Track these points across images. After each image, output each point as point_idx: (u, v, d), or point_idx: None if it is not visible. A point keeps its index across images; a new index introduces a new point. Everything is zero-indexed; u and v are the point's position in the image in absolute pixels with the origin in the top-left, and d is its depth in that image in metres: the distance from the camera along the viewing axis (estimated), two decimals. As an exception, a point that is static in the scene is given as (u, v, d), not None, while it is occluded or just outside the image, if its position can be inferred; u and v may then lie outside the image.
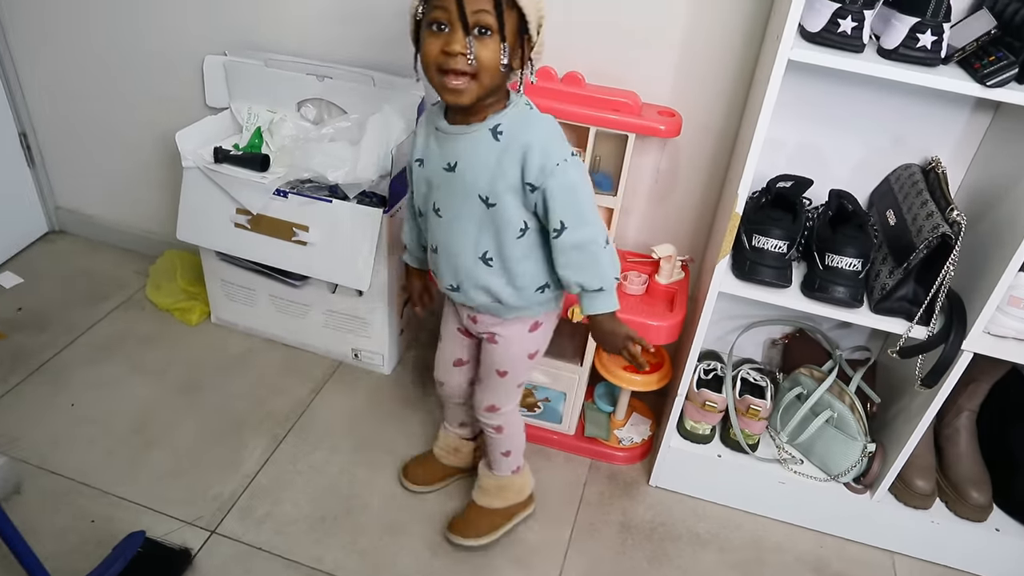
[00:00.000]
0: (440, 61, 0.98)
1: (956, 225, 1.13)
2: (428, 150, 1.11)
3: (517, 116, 1.05)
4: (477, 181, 1.05)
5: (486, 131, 1.04)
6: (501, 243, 1.09)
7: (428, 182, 1.12)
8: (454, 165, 1.07)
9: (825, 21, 1.06)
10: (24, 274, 1.97)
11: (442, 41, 0.97)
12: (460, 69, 0.97)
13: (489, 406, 1.30)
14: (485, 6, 0.95)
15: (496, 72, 0.99)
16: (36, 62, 1.88)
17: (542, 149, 1.02)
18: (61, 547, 1.31)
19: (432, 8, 0.97)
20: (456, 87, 0.99)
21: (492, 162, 1.04)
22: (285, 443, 1.56)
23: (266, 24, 1.64)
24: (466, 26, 0.95)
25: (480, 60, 0.97)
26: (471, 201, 1.07)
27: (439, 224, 1.12)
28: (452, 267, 1.14)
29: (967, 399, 1.42)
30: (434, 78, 1.00)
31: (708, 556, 1.44)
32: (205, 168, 1.57)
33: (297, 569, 1.32)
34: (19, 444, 1.49)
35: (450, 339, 1.32)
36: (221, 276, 1.77)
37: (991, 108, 1.28)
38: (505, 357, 1.23)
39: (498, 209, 1.06)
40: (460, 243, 1.11)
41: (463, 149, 1.06)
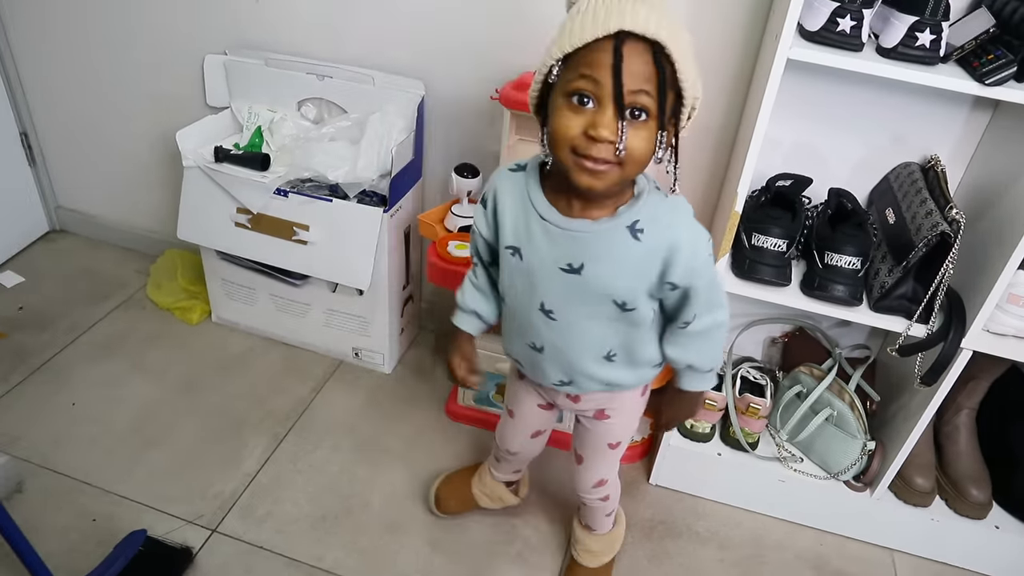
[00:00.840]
0: (580, 145, 0.80)
1: (955, 223, 1.13)
2: (530, 240, 0.92)
3: (654, 208, 0.89)
4: (613, 286, 0.91)
5: (623, 230, 0.88)
6: (631, 339, 0.99)
7: (530, 278, 0.95)
8: (579, 267, 0.90)
9: (824, 20, 1.06)
10: (25, 273, 1.98)
11: (586, 121, 0.79)
12: (606, 159, 0.80)
13: (599, 481, 1.21)
14: (646, 86, 0.77)
15: (645, 164, 0.83)
16: (37, 61, 1.89)
17: (691, 250, 0.89)
18: (62, 546, 1.31)
19: (577, 76, 0.78)
20: (596, 169, 0.81)
21: (632, 265, 0.90)
22: (286, 442, 1.57)
23: (266, 23, 1.64)
24: (621, 106, 0.77)
25: (631, 150, 0.79)
26: (601, 306, 0.94)
27: (551, 326, 0.97)
28: (563, 366, 1.02)
29: (967, 397, 1.43)
30: (566, 158, 0.82)
31: (708, 554, 1.44)
32: (205, 167, 1.57)
33: (298, 568, 1.33)
34: (20, 443, 1.50)
35: (529, 415, 1.21)
36: (222, 275, 1.78)
37: (990, 106, 1.28)
38: (618, 429, 1.15)
39: (635, 312, 0.94)
40: (580, 346, 0.99)
41: (591, 250, 0.89)
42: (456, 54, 1.54)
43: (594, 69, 0.76)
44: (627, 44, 0.75)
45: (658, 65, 0.76)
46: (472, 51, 1.52)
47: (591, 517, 1.30)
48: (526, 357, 1.06)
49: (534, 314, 0.98)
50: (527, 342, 1.03)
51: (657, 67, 0.76)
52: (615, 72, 0.75)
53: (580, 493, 1.25)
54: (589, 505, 1.27)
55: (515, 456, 1.31)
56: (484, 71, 1.53)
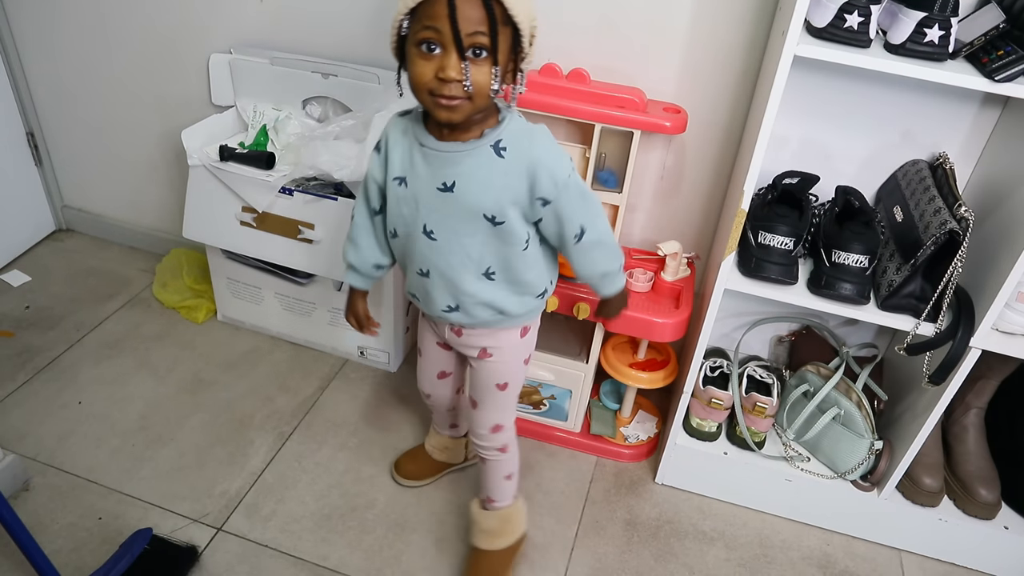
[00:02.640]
0: (433, 86, 0.92)
1: (964, 221, 1.12)
2: (413, 169, 1.03)
3: (517, 131, 1.00)
4: (481, 200, 1.00)
5: (487, 148, 0.99)
6: (507, 257, 1.06)
7: (415, 203, 1.04)
8: (451, 185, 1.00)
9: (831, 16, 1.05)
10: (32, 272, 1.98)
11: (435, 65, 0.91)
12: (456, 95, 0.91)
13: (494, 426, 1.24)
14: (480, 27, 0.89)
15: (489, 92, 0.94)
16: (43, 61, 1.89)
17: (552, 163, 0.99)
18: (68, 543, 1.32)
19: (422, 27, 0.90)
20: (451, 104, 0.93)
21: (497, 180, 0.99)
22: (291, 441, 1.57)
23: (271, 22, 1.64)
24: (461, 49, 0.89)
25: (476, 84, 0.91)
26: (474, 221, 1.02)
27: (432, 247, 1.06)
28: (450, 289, 1.09)
29: (975, 396, 1.42)
30: (425, 99, 0.94)
31: (714, 553, 1.43)
32: (211, 166, 1.58)
33: (303, 566, 1.33)
34: (27, 441, 1.50)
35: (431, 353, 1.28)
36: (227, 274, 1.78)
37: (1000, 103, 1.27)
38: (503, 369, 1.19)
39: (505, 226, 1.02)
40: (460, 263, 1.06)
41: (462, 168, 1.00)
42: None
43: (434, 20, 0.88)
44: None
45: (488, 8, 0.88)
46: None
47: (489, 477, 1.29)
48: (418, 287, 1.13)
49: (419, 238, 1.06)
50: (416, 270, 1.10)
51: (487, 10, 0.88)
52: (451, 20, 0.87)
53: (477, 440, 1.27)
54: (487, 459, 1.27)
55: (430, 399, 1.37)
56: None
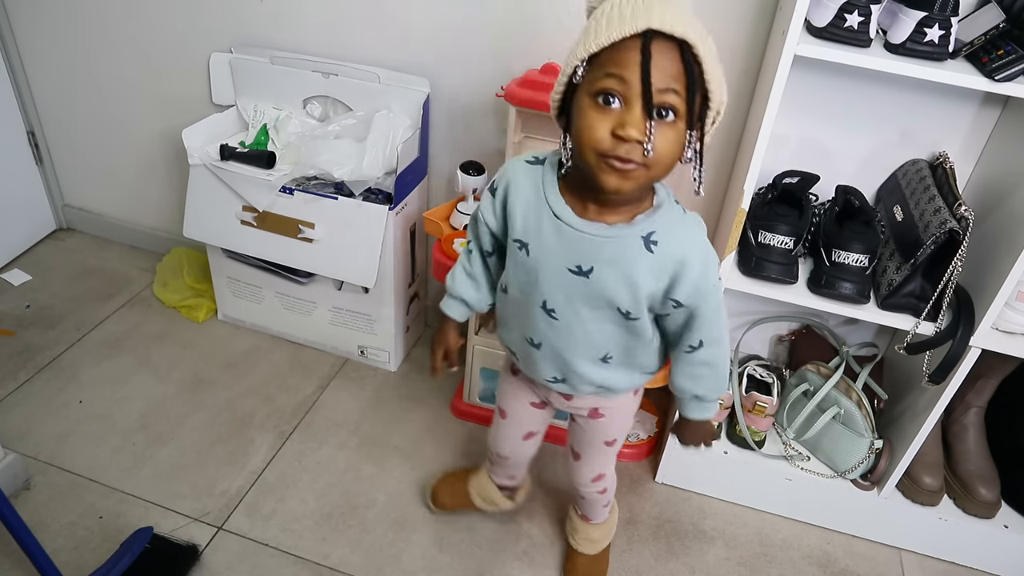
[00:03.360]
0: (608, 147, 0.78)
1: (964, 220, 1.12)
2: (540, 237, 0.90)
3: (672, 222, 0.88)
4: (619, 294, 0.90)
5: (637, 238, 0.86)
6: (629, 348, 0.99)
7: (535, 274, 0.93)
8: (588, 270, 0.89)
9: (832, 16, 1.05)
10: (32, 271, 1.98)
11: (613, 121, 0.77)
12: (634, 159, 0.78)
13: (597, 475, 1.22)
14: (675, 84, 0.76)
15: (672, 166, 0.81)
16: (43, 61, 1.89)
17: (702, 269, 0.88)
18: (69, 542, 1.32)
19: (603, 75, 0.77)
20: (624, 169, 0.79)
21: (642, 276, 0.88)
22: (291, 440, 1.57)
23: (272, 21, 1.64)
24: (649, 105, 0.76)
25: (659, 151, 0.77)
26: (604, 311, 0.93)
27: (551, 324, 0.96)
28: (559, 365, 1.02)
29: (975, 395, 1.42)
30: (591, 160, 0.80)
31: (714, 552, 1.44)
32: (211, 165, 1.58)
33: (303, 565, 1.33)
34: (28, 440, 1.50)
35: (521, 414, 1.20)
36: (228, 273, 1.78)
37: (1000, 103, 1.27)
38: (613, 428, 1.15)
39: (639, 323, 0.94)
40: (578, 347, 0.98)
41: (603, 254, 0.88)
42: (461, 51, 1.53)
43: (621, 68, 0.75)
44: (655, 42, 0.74)
45: (686, 64, 0.75)
46: (477, 48, 1.52)
47: (589, 509, 1.30)
48: (521, 350, 1.05)
49: (535, 310, 0.96)
50: (525, 336, 1.02)
51: (685, 66, 0.75)
52: (643, 70, 0.74)
53: (578, 488, 1.25)
54: (588, 499, 1.27)
55: (506, 460, 1.28)
56: (489, 68, 1.52)
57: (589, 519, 1.32)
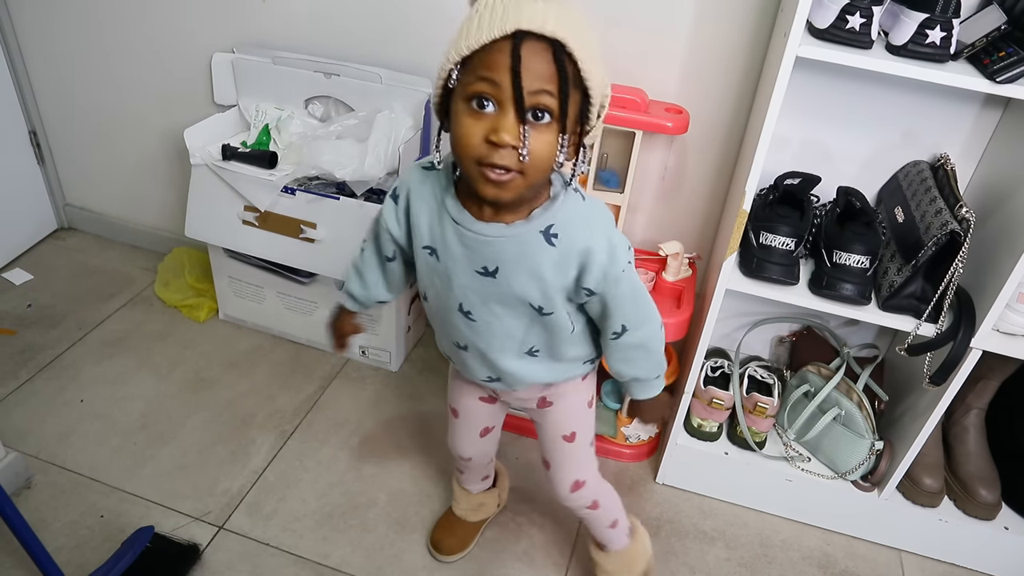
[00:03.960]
0: (482, 152, 0.76)
1: (965, 222, 1.12)
2: (444, 243, 0.89)
3: (572, 213, 0.86)
4: (527, 290, 0.89)
5: (536, 234, 0.85)
6: (551, 341, 0.97)
7: (447, 279, 0.92)
8: (493, 271, 0.88)
9: (833, 17, 1.05)
10: (34, 271, 1.98)
11: (487, 126, 0.75)
12: (508, 166, 0.76)
13: (573, 483, 1.14)
14: (548, 85, 0.73)
15: (549, 168, 0.79)
16: (45, 60, 1.89)
17: (608, 255, 0.86)
18: (70, 541, 1.32)
19: (476, 78, 0.74)
20: (499, 180, 0.77)
21: (547, 271, 0.87)
22: (292, 440, 1.57)
23: (274, 21, 1.64)
24: (521, 108, 0.73)
25: (534, 154, 0.75)
26: (518, 308, 0.92)
27: (470, 326, 0.96)
28: (489, 364, 1.00)
29: (976, 397, 1.42)
30: (469, 168, 0.78)
31: (715, 553, 1.44)
32: (213, 165, 1.58)
33: (304, 565, 1.33)
34: (29, 439, 1.50)
35: (472, 411, 1.17)
36: (229, 273, 1.78)
37: (1001, 104, 1.27)
38: (566, 418, 1.10)
39: (553, 316, 0.92)
40: (501, 344, 0.97)
41: (505, 254, 0.86)
42: (463, 52, 1.53)
43: (492, 71, 0.73)
44: (526, 43, 0.71)
45: (559, 64, 0.73)
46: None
47: (592, 530, 1.24)
48: (453, 355, 1.05)
49: (454, 314, 0.96)
50: (451, 341, 1.01)
51: (558, 66, 0.73)
52: (514, 73, 0.72)
53: (562, 503, 1.18)
54: (582, 517, 1.22)
55: (470, 462, 1.26)
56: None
57: (603, 546, 1.25)
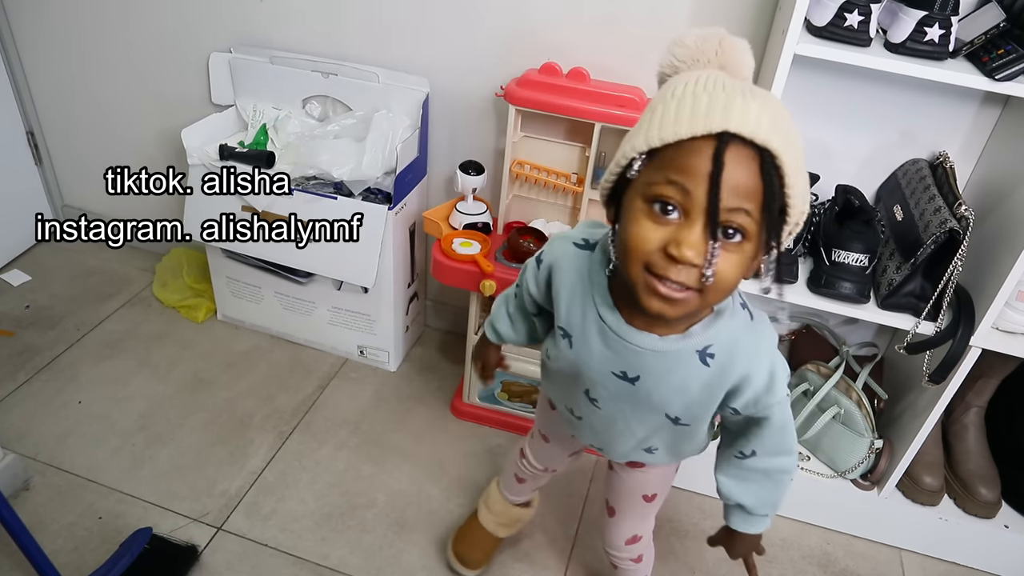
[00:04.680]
0: (657, 264, 0.65)
1: (964, 220, 1.12)
2: (584, 335, 0.81)
3: (734, 332, 0.77)
4: (668, 404, 0.82)
5: (692, 353, 0.76)
6: (674, 444, 0.91)
7: (577, 370, 0.84)
8: (634, 378, 0.80)
9: (832, 15, 1.05)
10: (32, 272, 1.98)
11: (667, 235, 0.64)
12: (686, 283, 0.65)
13: (632, 537, 1.10)
14: (748, 202, 0.62)
15: (730, 293, 0.70)
16: (43, 61, 1.89)
17: (767, 385, 0.78)
18: (68, 543, 1.31)
19: (664, 179, 0.64)
20: (672, 296, 0.66)
21: (694, 391, 0.79)
22: (291, 440, 1.57)
23: (271, 21, 1.64)
24: (714, 225, 0.62)
25: (719, 277, 0.65)
26: (650, 414, 0.84)
27: (593, 412, 0.89)
28: (599, 440, 0.95)
29: (975, 395, 1.42)
30: (636, 274, 0.67)
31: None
32: (211, 165, 1.57)
33: (303, 566, 1.33)
34: (27, 440, 1.50)
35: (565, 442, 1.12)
36: (227, 273, 1.78)
37: (1000, 102, 1.27)
38: (653, 481, 1.04)
39: (689, 428, 0.86)
40: (620, 437, 0.90)
41: (652, 367, 0.78)
42: (461, 51, 1.53)
43: (686, 175, 0.62)
44: (731, 149, 0.61)
45: (766, 179, 0.62)
46: (477, 48, 1.51)
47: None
48: (564, 414, 0.98)
49: (578, 395, 0.88)
50: (567, 406, 0.94)
51: (765, 180, 0.62)
52: (712, 183, 0.61)
53: (611, 551, 1.13)
54: (620, 567, 1.16)
55: (545, 473, 1.20)
56: (489, 68, 1.52)
57: None
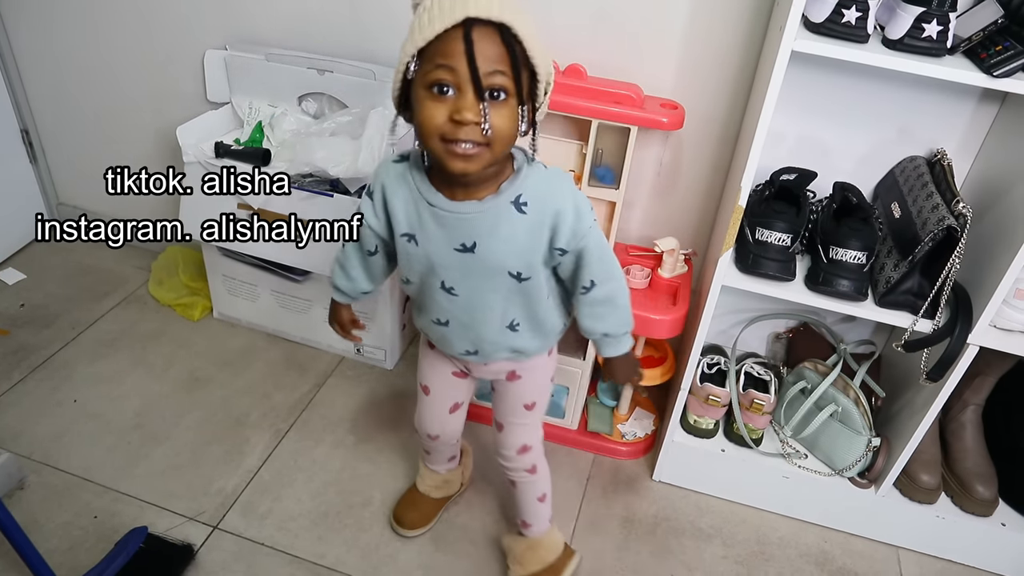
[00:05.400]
0: (447, 131, 0.83)
1: (962, 217, 1.12)
2: (422, 227, 0.97)
3: (536, 180, 0.94)
4: (506, 260, 0.96)
5: (508, 205, 0.93)
6: (531, 308, 1.03)
7: (427, 261, 0.99)
8: (472, 246, 0.95)
9: (829, 11, 1.05)
10: (27, 270, 1.97)
11: (449, 107, 0.82)
12: (475, 140, 0.83)
13: (522, 447, 1.21)
14: (500, 66, 0.81)
15: (512, 141, 0.87)
16: (37, 58, 1.88)
17: (575, 214, 0.94)
18: (64, 543, 1.31)
19: (434, 67, 0.82)
20: (467, 153, 0.85)
21: (521, 238, 0.95)
22: (287, 438, 1.56)
23: (267, 18, 1.63)
24: (479, 90, 0.81)
25: (496, 129, 0.83)
26: (498, 278, 0.98)
27: (453, 301, 1.02)
28: (470, 338, 1.07)
29: (973, 393, 1.42)
30: (436, 147, 0.86)
31: (712, 551, 1.43)
32: (206, 163, 1.57)
33: (299, 565, 1.32)
34: (22, 440, 1.49)
35: (444, 386, 1.22)
36: (223, 271, 1.77)
37: (998, 99, 1.27)
38: (531, 390, 1.17)
39: (531, 281, 0.99)
40: (483, 317, 1.03)
41: (481, 228, 0.94)
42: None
43: (449, 58, 0.80)
44: (476, 29, 0.79)
45: (508, 45, 0.80)
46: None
47: (522, 500, 1.27)
48: (432, 331, 1.11)
49: (436, 292, 1.02)
50: (432, 318, 1.07)
51: (507, 47, 0.81)
52: (469, 58, 0.79)
53: (504, 463, 1.23)
54: (517, 481, 1.24)
55: (437, 440, 1.29)
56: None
57: (528, 523, 1.28)
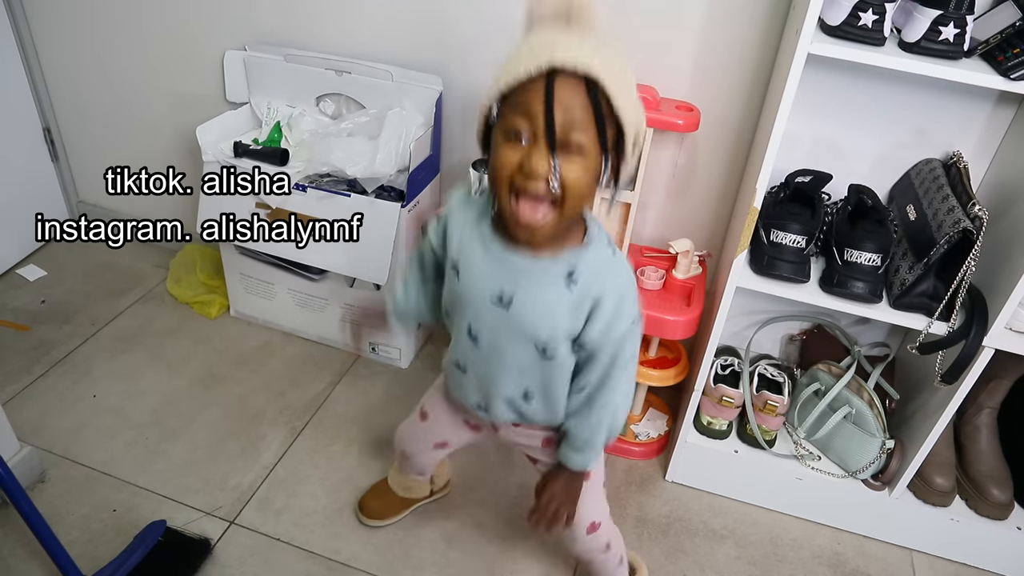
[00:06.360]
0: (517, 180, 0.79)
1: (977, 220, 1.12)
2: (470, 260, 0.92)
3: (597, 261, 0.88)
4: (537, 330, 0.90)
5: (560, 273, 0.87)
6: (547, 387, 0.96)
7: (463, 298, 0.94)
8: (508, 301, 0.89)
9: (846, 14, 1.05)
10: (47, 267, 2.00)
11: (520, 155, 0.79)
12: (540, 194, 0.79)
13: (591, 524, 1.10)
14: (581, 121, 0.76)
15: (586, 199, 0.82)
16: (60, 58, 1.91)
17: (615, 305, 0.88)
18: (84, 535, 1.33)
19: (513, 113, 0.78)
20: (530, 223, 0.81)
21: (560, 312, 0.88)
22: (303, 436, 1.58)
23: (285, 19, 1.65)
24: (552, 142, 0.77)
25: (566, 184, 0.78)
26: (522, 345, 0.92)
27: (474, 350, 0.96)
28: (483, 393, 1.01)
29: (988, 396, 1.41)
30: (504, 198, 0.82)
31: (725, 551, 1.43)
32: (225, 162, 1.59)
33: (314, 560, 1.34)
34: (43, 434, 1.52)
35: (443, 423, 1.16)
36: (240, 270, 1.79)
37: (1015, 101, 1.27)
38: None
39: (555, 362, 0.92)
40: (500, 379, 0.97)
41: (524, 285, 0.88)
42: (474, 49, 1.54)
43: (527, 106, 0.76)
44: (559, 79, 0.75)
45: (593, 99, 0.76)
46: (490, 46, 1.52)
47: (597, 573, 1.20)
48: (453, 375, 1.05)
49: (463, 335, 0.97)
50: (454, 359, 1.02)
51: (592, 101, 0.76)
52: (547, 110, 0.75)
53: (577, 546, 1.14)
54: (594, 561, 1.17)
55: (408, 460, 1.27)
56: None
57: None
